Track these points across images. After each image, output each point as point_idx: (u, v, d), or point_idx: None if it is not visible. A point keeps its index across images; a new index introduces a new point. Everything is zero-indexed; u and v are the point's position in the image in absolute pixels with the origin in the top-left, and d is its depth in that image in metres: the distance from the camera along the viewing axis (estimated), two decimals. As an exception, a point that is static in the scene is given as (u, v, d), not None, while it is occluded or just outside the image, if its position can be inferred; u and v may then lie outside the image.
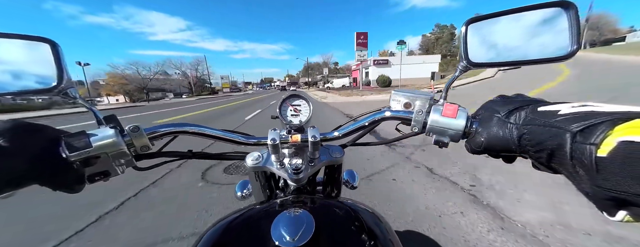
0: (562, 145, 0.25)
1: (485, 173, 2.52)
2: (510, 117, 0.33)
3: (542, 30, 0.37)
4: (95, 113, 0.41)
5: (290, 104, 0.53)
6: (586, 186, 0.24)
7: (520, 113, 0.32)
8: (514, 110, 0.33)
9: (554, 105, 0.30)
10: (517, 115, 0.32)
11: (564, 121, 0.26)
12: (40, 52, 0.38)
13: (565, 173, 0.27)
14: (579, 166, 0.24)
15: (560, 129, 0.26)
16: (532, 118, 0.30)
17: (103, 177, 0.39)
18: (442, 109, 0.41)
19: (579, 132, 0.24)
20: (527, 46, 0.39)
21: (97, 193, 2.27)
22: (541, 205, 1.91)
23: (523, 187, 2.17)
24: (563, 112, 0.27)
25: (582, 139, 0.24)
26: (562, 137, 0.25)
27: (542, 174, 0.33)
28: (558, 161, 0.27)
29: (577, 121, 0.25)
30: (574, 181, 0.26)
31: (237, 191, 0.66)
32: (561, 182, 2.02)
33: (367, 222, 0.42)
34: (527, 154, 0.31)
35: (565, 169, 0.26)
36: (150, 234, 1.73)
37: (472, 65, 0.42)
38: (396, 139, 0.53)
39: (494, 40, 0.41)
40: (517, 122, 0.32)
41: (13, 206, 2.17)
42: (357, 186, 0.70)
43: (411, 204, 1.99)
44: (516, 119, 0.32)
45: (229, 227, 0.42)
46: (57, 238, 1.72)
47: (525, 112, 0.32)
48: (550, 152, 0.27)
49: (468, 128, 0.39)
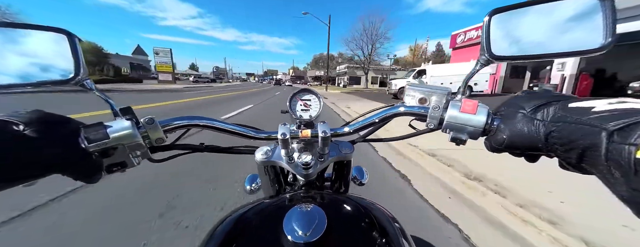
0: (597, 144, 0.23)
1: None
2: (537, 114, 0.31)
3: (574, 21, 0.35)
4: (112, 105, 0.41)
5: (300, 99, 0.53)
6: (622, 189, 0.22)
7: (548, 109, 0.30)
8: (542, 106, 0.31)
9: (588, 102, 0.28)
10: (544, 112, 0.30)
11: (600, 119, 0.24)
12: (57, 44, 0.38)
13: (598, 174, 0.25)
14: (615, 168, 0.22)
15: (595, 127, 0.24)
16: (563, 115, 0.28)
17: (120, 168, 0.39)
18: (460, 104, 0.39)
19: (617, 131, 0.22)
20: (556, 38, 0.36)
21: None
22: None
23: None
24: (598, 109, 0.25)
25: (619, 138, 0.22)
26: (596, 136, 0.24)
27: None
28: (590, 161, 0.25)
29: (615, 119, 0.23)
30: (608, 183, 0.24)
31: (246, 184, 0.67)
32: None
33: (380, 220, 0.42)
34: (554, 153, 0.30)
35: (599, 171, 0.25)
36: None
37: (494, 58, 0.40)
38: (409, 136, 0.52)
39: (520, 32, 0.39)
40: (544, 119, 0.30)
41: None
42: (365, 182, 0.70)
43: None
44: (544, 115, 0.30)
45: (241, 220, 0.42)
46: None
47: (554, 108, 0.30)
48: (582, 151, 0.25)
49: (488, 125, 0.37)
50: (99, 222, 1.70)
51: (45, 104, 7.67)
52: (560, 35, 0.36)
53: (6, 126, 0.30)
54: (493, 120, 0.37)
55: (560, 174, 0.35)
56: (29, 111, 0.34)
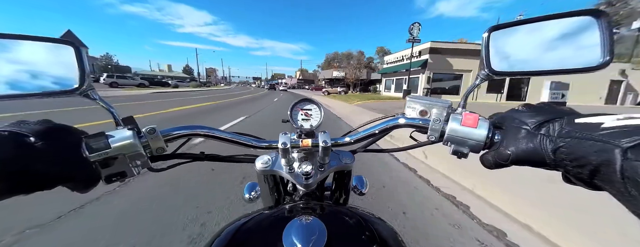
0: (611, 161, 0.23)
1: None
2: (542, 129, 0.31)
3: (571, 39, 0.36)
4: (114, 114, 0.41)
5: (301, 109, 0.53)
6: (639, 207, 0.22)
7: (553, 125, 0.30)
8: (546, 122, 0.31)
9: (594, 118, 0.28)
10: (550, 127, 0.31)
11: (611, 135, 0.24)
12: (63, 55, 0.38)
13: (611, 191, 0.25)
14: (631, 186, 0.22)
15: (608, 144, 0.24)
16: (570, 130, 0.28)
17: (120, 177, 0.39)
18: (461, 118, 0.40)
19: (631, 149, 0.22)
20: (554, 56, 0.37)
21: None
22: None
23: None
24: (608, 125, 0.26)
25: (634, 156, 0.22)
26: (610, 153, 0.24)
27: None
28: (604, 178, 0.25)
29: (627, 136, 0.23)
30: (623, 200, 0.24)
31: (245, 193, 0.66)
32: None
33: (381, 233, 0.42)
34: (562, 168, 0.30)
35: (613, 187, 0.25)
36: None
37: (494, 73, 0.40)
38: (410, 147, 0.53)
39: (519, 49, 0.39)
40: (551, 135, 0.30)
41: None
42: (365, 192, 0.70)
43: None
44: (550, 130, 0.30)
45: (241, 232, 0.41)
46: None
47: (559, 123, 0.30)
48: (594, 168, 0.25)
49: (489, 139, 0.38)
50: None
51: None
52: (558, 53, 0.37)
53: (18, 139, 0.31)
54: (494, 135, 0.38)
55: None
56: (37, 122, 0.34)
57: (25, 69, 0.37)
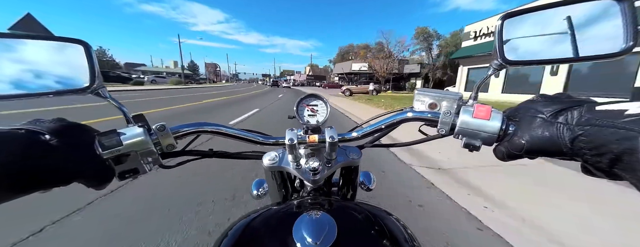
0: (635, 149, 0.23)
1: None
2: (559, 118, 0.30)
3: (591, 25, 0.34)
4: (125, 112, 0.42)
5: (307, 104, 0.53)
6: None
7: (572, 113, 0.29)
8: (563, 110, 0.30)
9: (617, 104, 0.27)
10: (568, 115, 0.30)
11: (636, 122, 0.23)
12: (73, 54, 0.39)
13: (632, 180, 0.25)
14: None
15: (632, 131, 0.23)
16: (590, 118, 0.27)
17: (132, 174, 0.40)
18: (472, 110, 0.39)
19: None
20: (572, 43, 0.35)
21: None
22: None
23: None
24: (632, 112, 0.25)
25: None
26: (633, 141, 0.23)
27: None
28: (625, 166, 0.24)
29: None
30: None
31: (252, 189, 0.67)
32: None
33: (391, 228, 0.41)
34: (580, 158, 0.29)
35: (635, 176, 0.24)
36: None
37: (507, 63, 0.38)
38: (419, 141, 0.52)
39: (535, 36, 0.38)
40: (569, 123, 0.29)
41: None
42: (373, 188, 0.69)
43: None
44: (567, 119, 0.29)
45: (251, 227, 0.42)
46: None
47: (578, 111, 0.29)
48: (615, 156, 0.25)
49: (503, 131, 0.36)
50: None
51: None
52: (576, 40, 0.35)
53: (34, 136, 0.31)
54: (508, 126, 0.36)
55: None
56: (51, 120, 0.35)
57: (37, 68, 0.37)
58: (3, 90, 0.35)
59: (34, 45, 0.37)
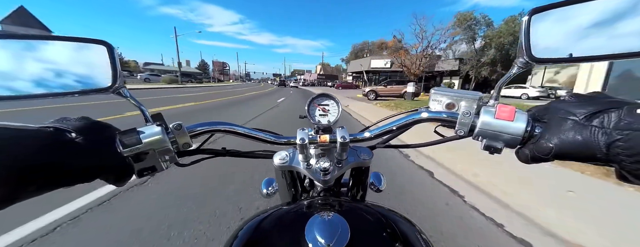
0: None
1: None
2: (593, 120, 0.28)
3: (626, 19, 0.31)
4: (144, 111, 0.43)
5: (318, 104, 0.52)
6: None
7: (608, 115, 0.28)
8: (599, 112, 0.28)
9: None
10: (604, 118, 0.28)
11: None
12: (95, 54, 0.40)
13: None
14: None
15: None
16: (631, 122, 0.26)
17: (150, 172, 0.41)
18: (494, 110, 0.37)
19: None
20: (605, 38, 0.33)
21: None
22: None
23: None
24: None
25: None
26: None
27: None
28: None
29: None
30: None
31: (262, 188, 0.67)
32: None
33: (403, 230, 0.41)
34: (618, 164, 0.27)
35: None
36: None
37: (534, 61, 0.36)
38: (435, 142, 0.50)
39: (563, 33, 0.35)
40: (605, 126, 0.27)
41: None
42: (383, 189, 0.68)
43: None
44: (604, 122, 0.28)
45: (263, 227, 0.42)
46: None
47: (616, 114, 0.27)
48: None
49: (528, 132, 0.35)
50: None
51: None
52: (610, 36, 0.33)
53: (61, 134, 0.33)
54: (534, 128, 0.35)
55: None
56: (77, 119, 0.36)
57: (62, 68, 0.39)
58: (30, 90, 0.37)
59: (58, 46, 0.39)
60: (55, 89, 0.38)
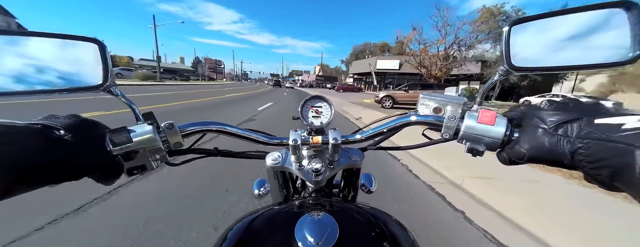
0: (632, 164, 0.23)
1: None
2: (559, 130, 0.30)
3: (598, 32, 0.34)
4: (135, 110, 0.43)
5: (311, 106, 0.53)
6: None
7: (572, 125, 0.30)
8: (565, 123, 0.30)
9: (615, 118, 0.27)
10: (568, 128, 0.30)
11: (633, 137, 0.24)
12: (86, 52, 0.40)
13: (631, 193, 0.25)
14: None
15: (630, 146, 0.23)
16: (589, 131, 0.27)
17: (140, 171, 0.41)
18: (477, 115, 0.39)
19: None
20: (580, 50, 0.35)
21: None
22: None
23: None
24: (629, 127, 0.25)
25: None
26: (631, 156, 0.23)
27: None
28: (624, 180, 0.24)
29: None
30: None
31: (254, 188, 0.68)
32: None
33: (391, 229, 0.42)
34: (581, 169, 0.29)
35: (634, 190, 0.24)
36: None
37: (514, 69, 0.39)
38: (423, 145, 0.52)
39: (541, 44, 0.38)
40: (569, 135, 0.29)
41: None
42: (374, 190, 0.70)
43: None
44: (568, 131, 0.30)
45: (253, 226, 0.42)
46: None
47: (578, 124, 0.29)
48: (614, 171, 0.25)
49: (507, 137, 0.37)
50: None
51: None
52: (584, 47, 0.35)
53: (49, 132, 0.32)
54: (513, 133, 0.37)
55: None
56: (66, 116, 0.36)
57: (52, 65, 0.38)
58: (18, 86, 0.36)
59: (49, 43, 0.38)
60: (45, 86, 0.38)
